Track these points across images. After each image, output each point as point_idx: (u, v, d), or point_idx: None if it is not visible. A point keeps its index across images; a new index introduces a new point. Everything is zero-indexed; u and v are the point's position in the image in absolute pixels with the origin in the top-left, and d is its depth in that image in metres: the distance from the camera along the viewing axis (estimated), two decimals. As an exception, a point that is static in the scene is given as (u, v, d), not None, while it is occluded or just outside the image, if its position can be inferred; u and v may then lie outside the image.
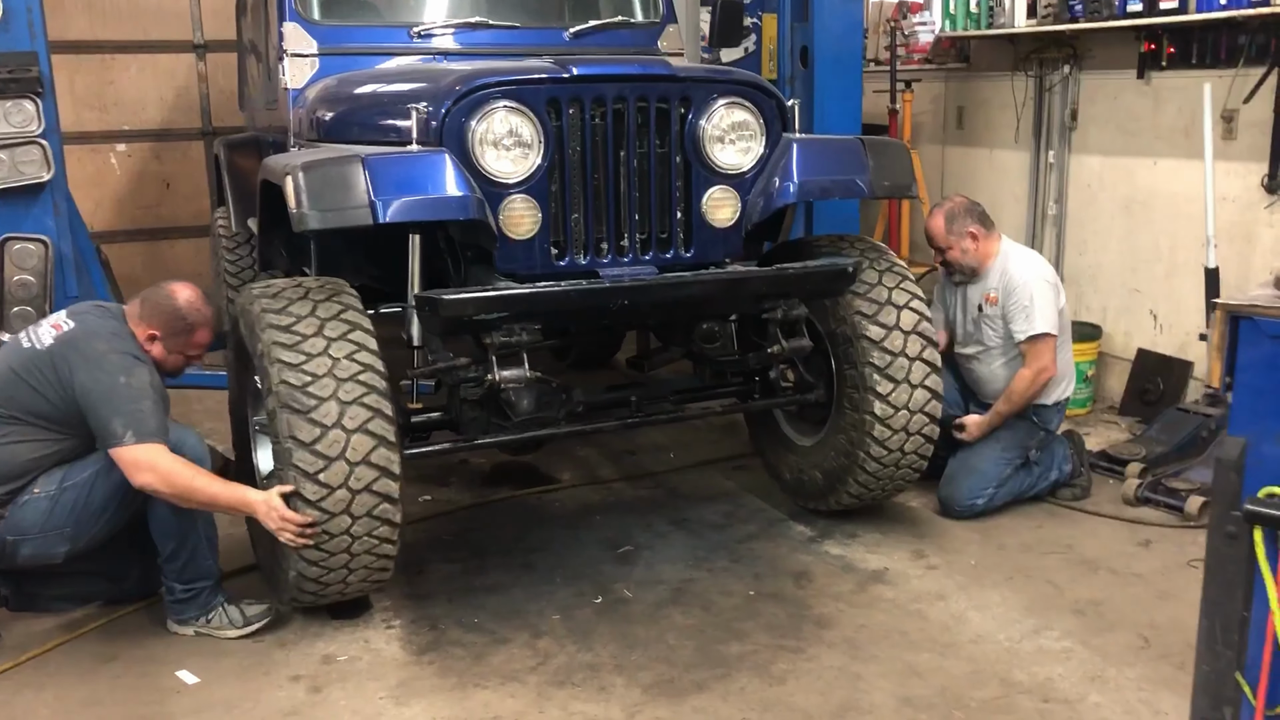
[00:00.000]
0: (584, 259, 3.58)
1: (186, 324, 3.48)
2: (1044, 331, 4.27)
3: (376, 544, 3.31)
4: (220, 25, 7.89)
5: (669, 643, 3.45)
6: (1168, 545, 4.07)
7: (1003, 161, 6.37)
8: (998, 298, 4.37)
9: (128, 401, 3.23)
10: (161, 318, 3.45)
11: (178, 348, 3.50)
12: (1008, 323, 4.34)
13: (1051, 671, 3.23)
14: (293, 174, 3.22)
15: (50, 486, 3.33)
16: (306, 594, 3.40)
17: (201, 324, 3.52)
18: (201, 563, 3.47)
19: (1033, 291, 4.28)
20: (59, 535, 3.35)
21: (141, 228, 8.09)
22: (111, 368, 3.27)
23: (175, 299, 3.48)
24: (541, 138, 3.42)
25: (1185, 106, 5.18)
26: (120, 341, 3.36)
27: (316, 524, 3.19)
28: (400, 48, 4.61)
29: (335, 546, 3.25)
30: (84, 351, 3.29)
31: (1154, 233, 5.46)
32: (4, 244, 4.32)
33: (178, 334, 3.48)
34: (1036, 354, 4.29)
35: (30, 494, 3.34)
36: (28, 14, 4.26)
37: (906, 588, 3.78)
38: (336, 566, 3.31)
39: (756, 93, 3.69)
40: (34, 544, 3.35)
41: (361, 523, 3.24)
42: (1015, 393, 4.33)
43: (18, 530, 3.33)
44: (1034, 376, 4.30)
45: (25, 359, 3.35)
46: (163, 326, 3.45)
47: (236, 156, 6.04)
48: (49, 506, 3.33)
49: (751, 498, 4.63)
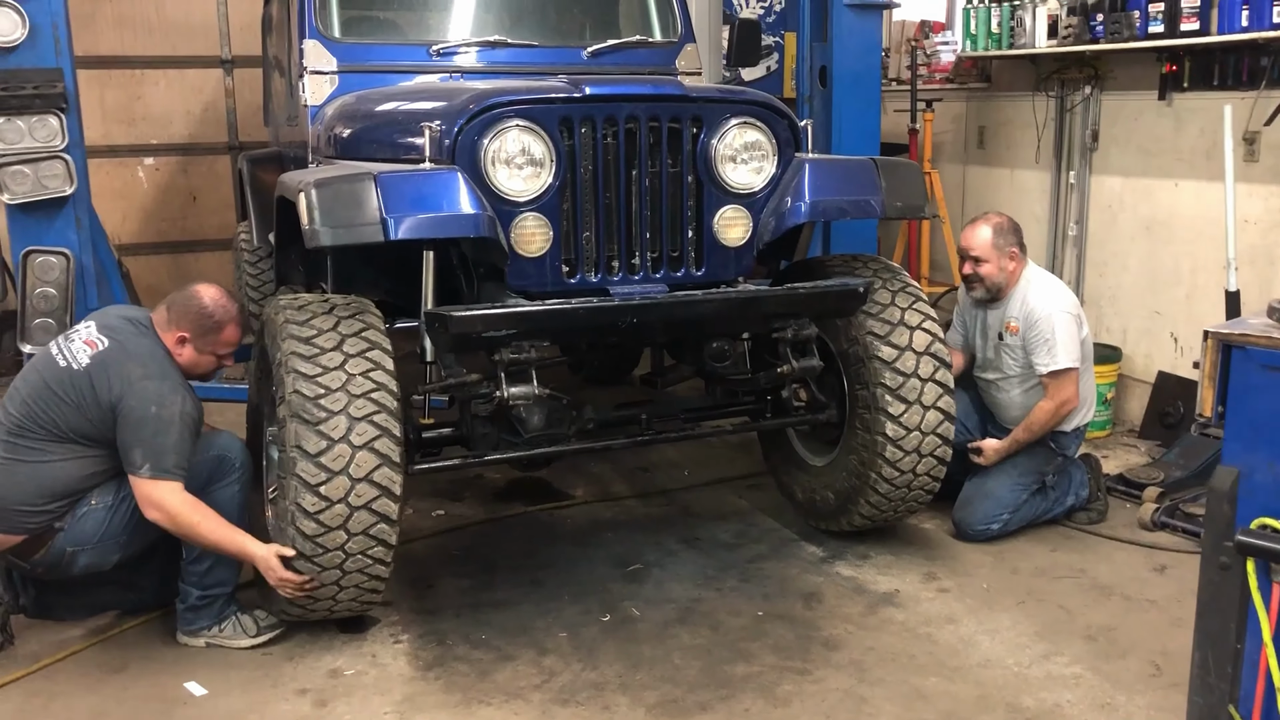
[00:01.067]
0: (595, 277, 3.60)
1: (214, 322, 3.51)
2: (1067, 366, 4.23)
3: (369, 564, 3.32)
4: (247, 41, 7.98)
5: (675, 662, 3.44)
6: (1183, 571, 4.02)
7: (1023, 181, 6.34)
8: (1019, 328, 4.33)
9: (153, 434, 3.27)
10: (189, 319, 3.49)
11: (208, 347, 3.53)
12: (1029, 354, 4.30)
13: (1060, 698, 3.20)
14: (306, 191, 3.25)
15: (108, 498, 3.39)
16: (295, 606, 3.41)
17: (228, 321, 3.55)
18: (224, 570, 3.50)
19: (1055, 324, 4.22)
20: (115, 544, 3.42)
21: (167, 240, 8.18)
22: (145, 396, 3.29)
23: (201, 298, 3.51)
24: (553, 156, 3.44)
25: (1207, 128, 5.14)
26: (155, 364, 3.38)
27: (313, 579, 3.26)
28: (420, 66, 4.65)
29: (328, 562, 3.26)
30: (121, 374, 3.31)
31: (1175, 255, 5.41)
32: (26, 257, 4.38)
33: (206, 333, 3.51)
34: (1059, 387, 4.24)
35: (88, 505, 3.39)
36: (54, 31, 4.33)
37: (917, 610, 3.76)
38: (328, 581, 3.32)
39: (769, 113, 3.69)
40: (91, 553, 3.41)
41: (357, 540, 3.26)
42: (1035, 423, 4.29)
43: (76, 541, 3.39)
44: (1055, 409, 4.25)
45: (62, 377, 3.36)
46: (191, 327, 3.49)
47: (259, 171, 6.11)
48: (107, 517, 3.39)
49: (764, 517, 4.62)
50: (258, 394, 3.84)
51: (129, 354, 3.37)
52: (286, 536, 3.26)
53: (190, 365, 3.51)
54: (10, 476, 3.35)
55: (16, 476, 3.34)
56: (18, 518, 3.35)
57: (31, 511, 3.35)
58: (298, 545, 3.23)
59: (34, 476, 3.34)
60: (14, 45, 4.24)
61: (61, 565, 3.43)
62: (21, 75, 4.28)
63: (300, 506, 3.18)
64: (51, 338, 4.39)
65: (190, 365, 3.51)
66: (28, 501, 3.34)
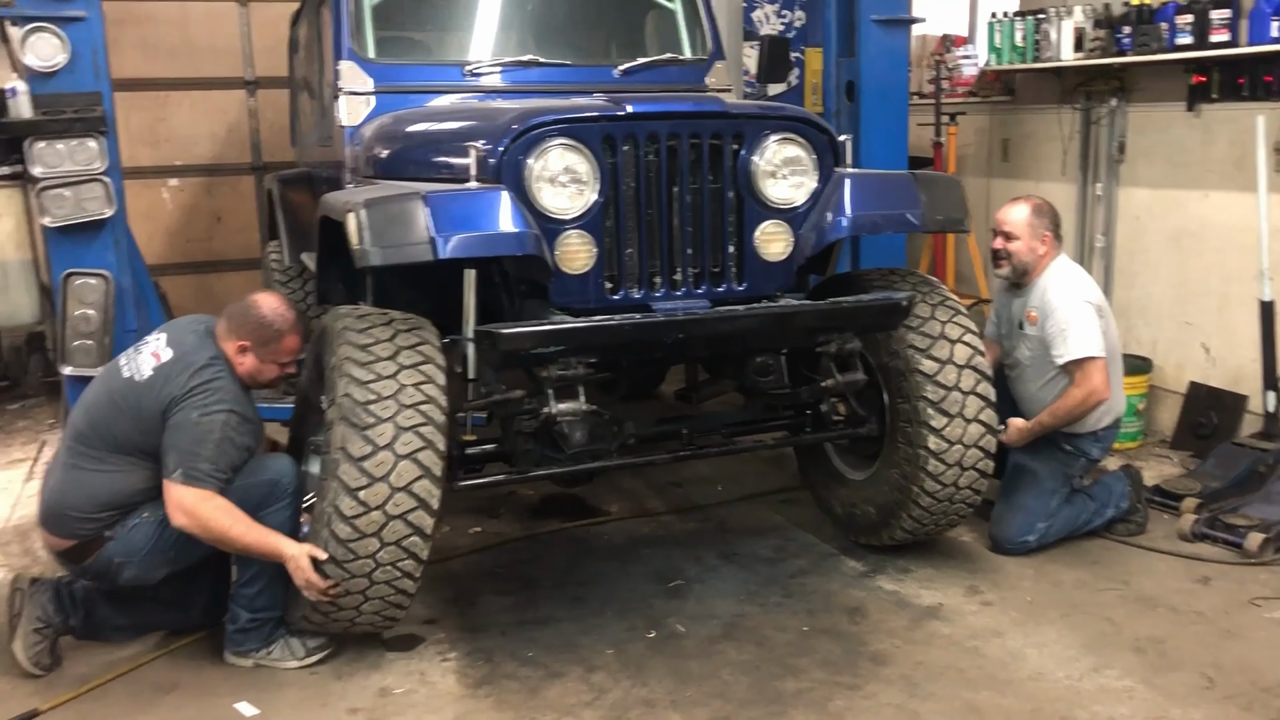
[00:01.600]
0: (638, 293, 3.61)
1: (274, 330, 3.53)
2: (1087, 355, 4.19)
3: (398, 576, 3.31)
4: (271, 63, 8.03)
5: (724, 678, 3.44)
6: (1228, 582, 4.01)
7: (1049, 194, 6.27)
8: (1038, 318, 4.33)
9: (190, 440, 3.30)
10: (249, 328, 3.51)
11: (269, 356, 3.54)
12: (1047, 346, 4.29)
13: (1114, 711, 3.19)
14: (355, 211, 3.27)
15: (160, 513, 3.38)
16: (317, 613, 3.40)
17: (288, 330, 3.56)
18: (275, 593, 3.50)
19: (1070, 314, 4.20)
20: (163, 559, 3.45)
21: (192, 261, 8.21)
22: (190, 404, 3.34)
23: (260, 309, 3.54)
24: (597, 174, 3.47)
25: (1237, 139, 5.15)
26: (208, 374, 3.40)
27: (339, 585, 3.26)
28: (453, 85, 4.67)
29: (358, 569, 3.25)
30: (176, 387, 3.37)
31: (1205, 265, 5.41)
32: (66, 279, 4.41)
33: (267, 342, 3.53)
34: (1085, 376, 4.21)
35: (140, 518, 3.43)
36: (93, 56, 4.37)
37: (962, 624, 3.75)
38: (353, 590, 3.31)
39: (808, 128, 3.72)
40: (138, 566, 3.45)
41: (388, 550, 3.25)
42: (1061, 409, 4.25)
43: (125, 552, 3.43)
44: (1084, 398, 4.21)
45: (124, 389, 3.43)
46: (251, 337, 3.51)
47: (289, 192, 6.14)
48: (156, 532, 3.42)
49: (801, 532, 4.62)
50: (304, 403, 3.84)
51: (185, 364, 3.42)
52: (320, 539, 3.25)
53: (252, 374, 3.54)
54: (69, 482, 3.44)
55: (74, 483, 3.43)
56: (71, 523, 3.43)
57: (84, 518, 3.42)
58: (330, 548, 3.22)
59: (90, 484, 3.42)
60: (54, 70, 4.29)
61: (109, 574, 3.48)
62: (62, 99, 4.32)
63: (337, 509, 3.18)
64: (91, 359, 4.46)
65: (252, 374, 3.54)
66: (81, 508, 3.42)
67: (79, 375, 4.39)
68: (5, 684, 3.45)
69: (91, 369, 4.46)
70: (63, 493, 3.45)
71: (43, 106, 4.30)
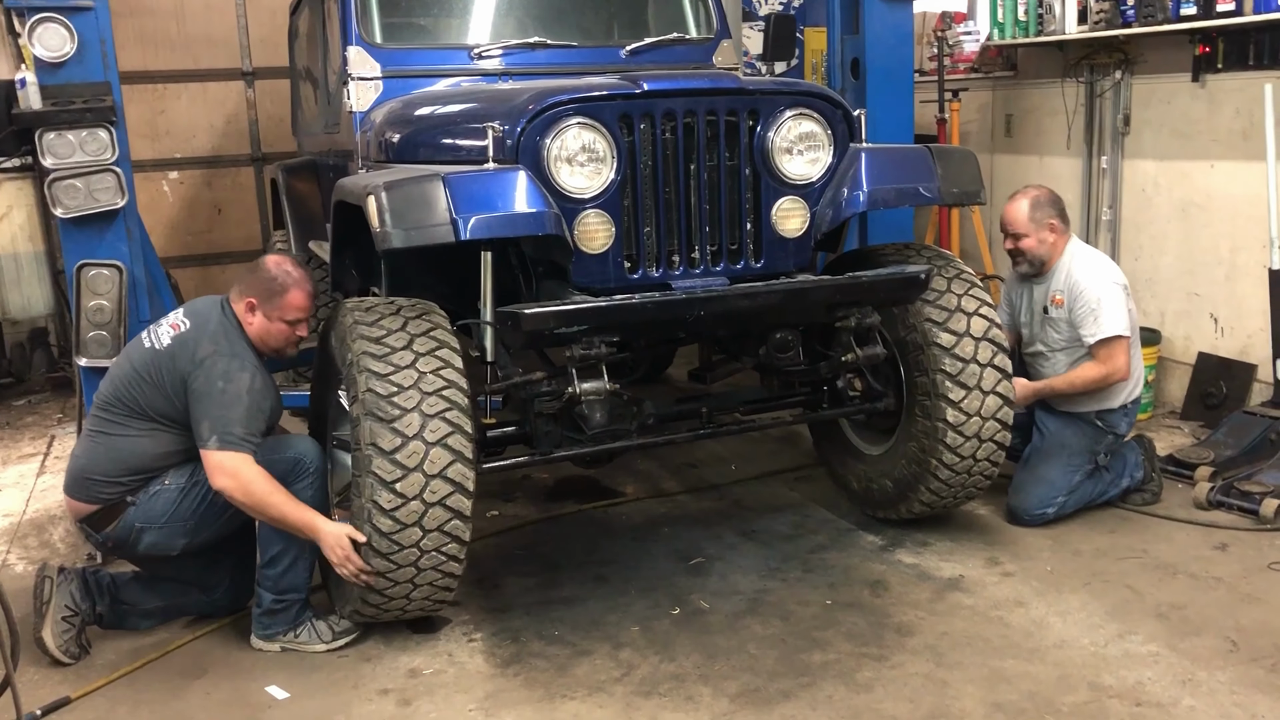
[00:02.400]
0: (656, 272, 3.62)
1: (278, 284, 3.56)
2: (1115, 334, 4.23)
3: (444, 561, 3.34)
4: (268, 53, 8.01)
5: (750, 652, 3.46)
6: (1245, 548, 4.04)
7: (1053, 168, 6.36)
8: (1064, 300, 4.35)
9: (219, 407, 3.36)
10: (255, 284, 3.57)
11: (275, 313, 3.56)
12: (1075, 326, 4.32)
13: (1141, 675, 3.22)
14: (375, 194, 3.27)
15: (181, 480, 3.48)
16: (369, 607, 3.43)
17: (292, 285, 3.58)
18: (299, 574, 3.53)
19: (1100, 294, 4.25)
20: (182, 527, 3.49)
21: (194, 253, 8.20)
22: (213, 372, 3.40)
23: (266, 265, 3.62)
24: (614, 153, 3.46)
25: (1243, 108, 5.16)
26: (226, 341, 3.48)
27: (377, 571, 3.29)
28: (461, 69, 4.67)
29: (403, 559, 3.28)
30: (193, 353, 3.44)
31: (1213, 236, 5.43)
32: (80, 270, 4.39)
33: (272, 296, 3.55)
34: (1109, 355, 4.25)
35: (162, 484, 3.49)
36: (101, 46, 4.34)
37: (984, 595, 3.77)
38: (402, 580, 3.34)
39: (824, 103, 3.71)
40: (157, 533, 3.49)
41: (432, 537, 3.28)
42: (1078, 379, 4.29)
43: (146, 518, 3.48)
44: (1105, 375, 4.25)
45: (146, 359, 3.51)
46: (258, 293, 3.56)
47: (295, 181, 6.12)
48: (178, 499, 3.47)
49: (817, 508, 4.64)
50: (320, 400, 3.85)
51: (204, 332, 3.50)
52: (362, 533, 3.27)
53: (262, 335, 3.56)
54: (94, 448, 3.53)
55: (99, 449, 3.52)
56: (95, 487, 3.50)
57: (106, 482, 3.50)
58: (374, 543, 3.25)
59: (113, 449, 3.50)
60: (63, 60, 4.26)
61: (129, 543, 3.53)
62: (71, 90, 4.29)
63: (376, 504, 3.20)
64: (106, 350, 4.44)
65: (262, 335, 3.56)
66: (104, 472, 3.49)
67: (94, 366, 4.38)
68: (36, 673, 3.46)
69: (106, 360, 4.43)
70: (88, 458, 3.53)
71: (52, 97, 4.28)
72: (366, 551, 3.27)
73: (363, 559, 3.29)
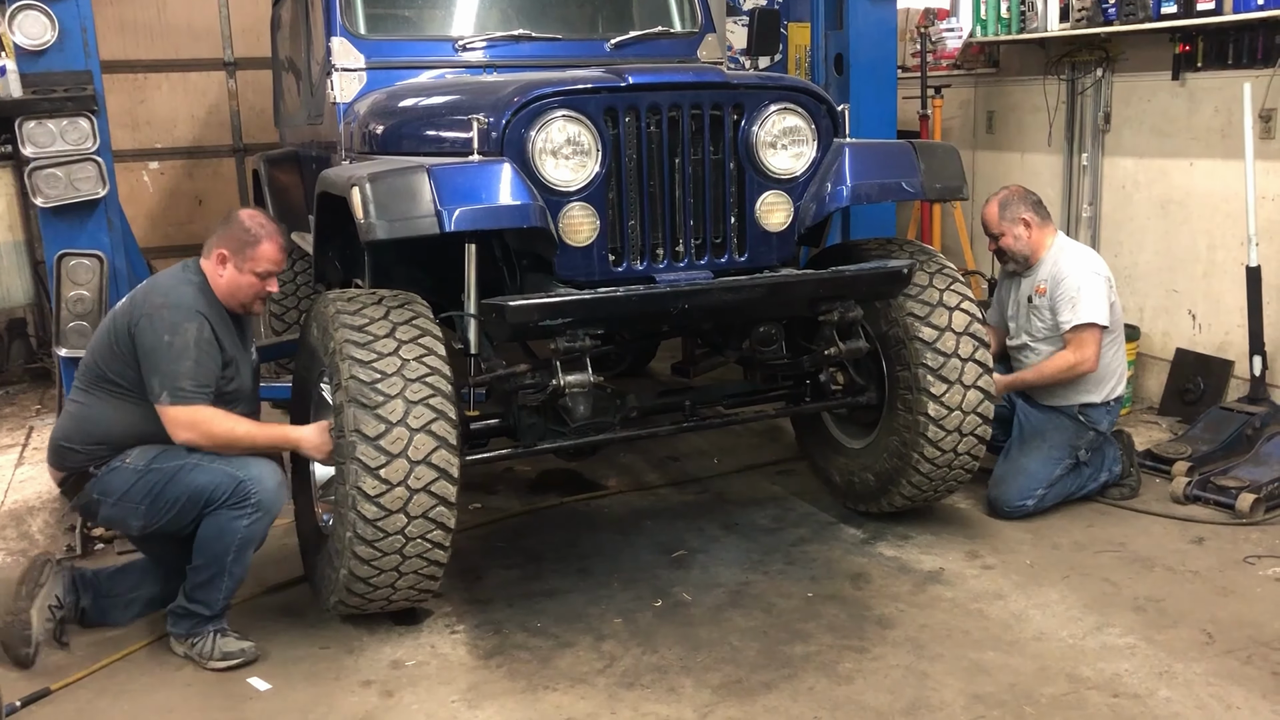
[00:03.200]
0: (641, 265, 3.62)
1: (250, 235, 3.53)
2: (1090, 321, 4.29)
3: (429, 548, 3.34)
4: (250, 43, 7.99)
5: (733, 644, 3.48)
6: (1221, 542, 4.09)
7: (1034, 165, 6.40)
8: (1047, 289, 4.40)
9: (167, 361, 3.35)
10: (227, 235, 3.55)
11: (246, 264, 3.53)
12: (1054, 314, 4.36)
13: (1118, 667, 3.25)
14: (360, 185, 3.26)
15: (140, 462, 3.43)
16: (354, 596, 3.41)
17: (265, 236, 3.56)
18: (213, 593, 3.43)
19: (1081, 282, 4.31)
20: (134, 509, 3.44)
21: (174, 244, 8.14)
22: (159, 325, 3.37)
23: (239, 216, 3.62)
24: (599, 146, 3.47)
25: (1222, 107, 5.20)
26: (175, 293, 3.44)
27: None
28: (445, 61, 4.67)
29: (389, 546, 3.27)
30: (140, 307, 3.43)
31: (1192, 233, 5.48)
32: (60, 260, 4.36)
33: (244, 247, 3.53)
34: (1080, 343, 4.31)
35: (122, 461, 3.46)
36: (82, 34, 4.31)
37: (964, 587, 3.80)
38: (388, 568, 3.33)
39: (808, 98, 3.73)
40: (113, 509, 3.48)
41: (417, 523, 3.27)
42: (1047, 369, 4.37)
43: (103, 490, 3.47)
44: (1073, 364, 4.31)
45: (106, 323, 3.55)
46: (229, 243, 3.53)
47: (277, 172, 6.10)
48: (133, 480, 3.43)
49: (799, 501, 4.66)
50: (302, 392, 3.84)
51: (154, 285, 3.53)
52: (347, 522, 3.25)
53: (231, 288, 3.54)
54: (69, 417, 3.58)
55: (72, 417, 3.55)
56: (64, 454, 3.53)
57: (72, 450, 3.50)
58: (359, 530, 3.23)
59: (82, 417, 3.50)
60: (44, 48, 4.23)
61: (90, 511, 3.59)
62: (52, 78, 4.26)
63: (360, 490, 3.19)
64: (86, 341, 4.40)
65: (231, 288, 3.54)
66: (72, 439, 3.50)
67: (74, 357, 4.35)
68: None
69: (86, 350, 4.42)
70: (63, 427, 3.56)
71: (32, 85, 4.25)
72: (352, 539, 3.25)
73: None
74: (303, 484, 3.83)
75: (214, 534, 3.38)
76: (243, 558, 3.43)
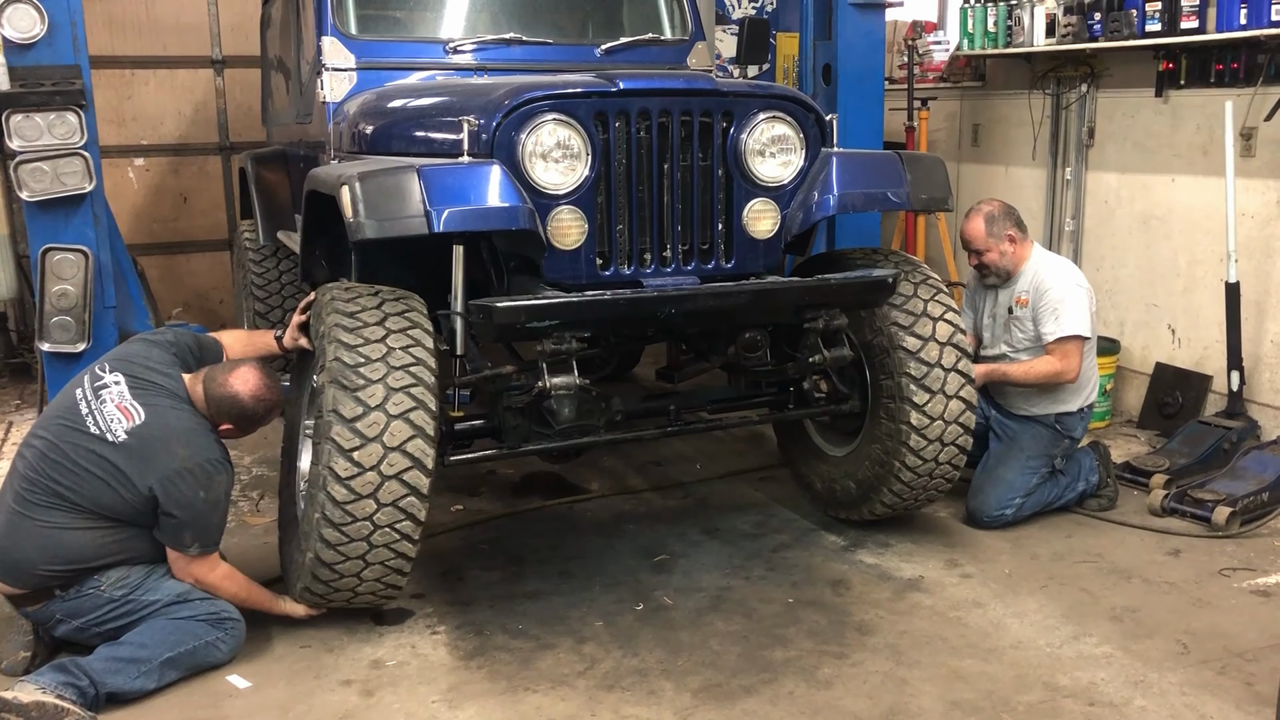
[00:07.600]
0: (628, 269, 3.64)
1: (258, 416, 3.50)
2: (1074, 333, 4.34)
3: (397, 539, 3.31)
4: (238, 41, 7.95)
5: (713, 648, 3.49)
6: (1197, 554, 4.13)
7: (1019, 178, 6.46)
8: (1028, 300, 4.44)
9: (202, 516, 3.33)
10: (232, 417, 3.44)
11: (253, 429, 3.56)
12: (1037, 325, 4.41)
13: (1094, 676, 3.28)
14: (349, 184, 3.27)
15: (118, 591, 3.31)
16: (319, 583, 3.39)
17: (274, 408, 3.53)
18: (121, 680, 3.20)
19: (1064, 295, 4.36)
20: (99, 633, 3.32)
21: (159, 242, 8.11)
22: (191, 481, 3.28)
23: (241, 400, 3.42)
24: (589, 150, 3.48)
25: (1204, 124, 5.27)
26: (197, 442, 3.34)
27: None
28: (435, 63, 4.67)
29: (356, 531, 3.25)
30: (164, 459, 3.26)
31: (1172, 248, 5.54)
32: (44, 255, 4.34)
33: (253, 423, 3.51)
34: (1065, 354, 4.35)
35: (96, 588, 3.30)
36: (71, 29, 4.30)
37: (944, 595, 3.83)
38: (353, 555, 3.30)
39: (797, 107, 3.76)
40: (74, 629, 3.35)
41: (386, 511, 3.25)
42: (1032, 372, 4.39)
43: (70, 613, 3.32)
44: (1057, 371, 4.35)
45: (92, 446, 3.26)
46: (235, 421, 3.46)
47: (264, 170, 6.09)
48: (108, 609, 3.31)
49: (780, 508, 4.68)
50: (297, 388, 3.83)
51: (171, 432, 3.31)
52: (316, 503, 3.24)
53: (229, 434, 3.52)
54: (18, 531, 3.28)
55: (24, 533, 3.27)
56: (19, 572, 3.29)
57: (33, 572, 3.28)
58: (327, 512, 3.22)
59: (44, 540, 3.26)
60: (33, 42, 4.21)
61: (46, 623, 3.37)
62: (40, 72, 4.24)
63: (332, 470, 3.19)
64: (70, 336, 4.40)
65: (229, 434, 3.52)
66: (30, 561, 3.27)
67: (57, 351, 4.34)
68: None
69: (70, 345, 4.41)
70: (11, 540, 3.27)
71: (20, 79, 4.23)
72: (320, 520, 3.24)
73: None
74: (287, 474, 3.82)
75: (176, 632, 3.30)
76: (178, 665, 3.28)
